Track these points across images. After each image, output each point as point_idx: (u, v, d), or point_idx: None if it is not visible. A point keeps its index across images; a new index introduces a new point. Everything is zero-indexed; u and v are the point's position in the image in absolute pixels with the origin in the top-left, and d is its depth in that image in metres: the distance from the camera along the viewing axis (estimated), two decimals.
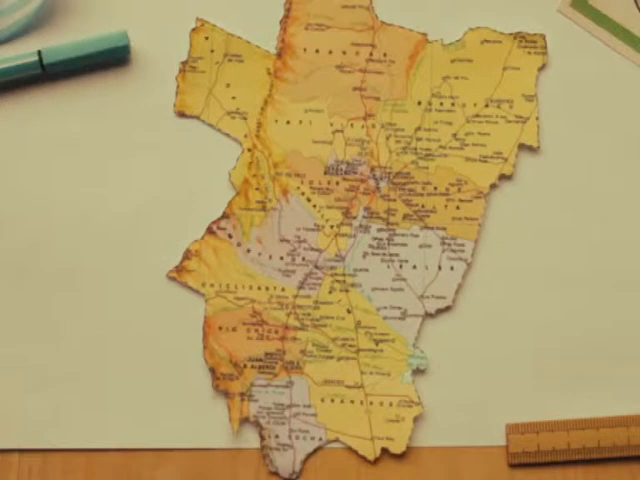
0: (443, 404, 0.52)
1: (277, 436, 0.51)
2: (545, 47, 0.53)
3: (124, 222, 0.53)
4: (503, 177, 0.53)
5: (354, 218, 0.52)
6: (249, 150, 0.53)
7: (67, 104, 0.53)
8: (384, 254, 0.52)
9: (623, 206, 0.53)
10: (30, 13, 0.53)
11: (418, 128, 0.52)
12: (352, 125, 0.53)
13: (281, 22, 0.53)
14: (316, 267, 0.52)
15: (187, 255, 0.52)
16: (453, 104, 0.53)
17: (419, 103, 0.53)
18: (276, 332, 0.52)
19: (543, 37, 0.53)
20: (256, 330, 0.52)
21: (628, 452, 0.51)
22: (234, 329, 0.52)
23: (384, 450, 0.51)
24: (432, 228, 0.52)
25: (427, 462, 0.52)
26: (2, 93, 0.53)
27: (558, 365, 0.52)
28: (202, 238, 0.52)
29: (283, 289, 0.52)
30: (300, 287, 0.52)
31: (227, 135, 0.53)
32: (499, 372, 0.52)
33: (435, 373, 0.52)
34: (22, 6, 0.53)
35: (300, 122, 0.53)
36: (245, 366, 0.52)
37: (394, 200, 0.52)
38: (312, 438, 0.51)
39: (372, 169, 0.52)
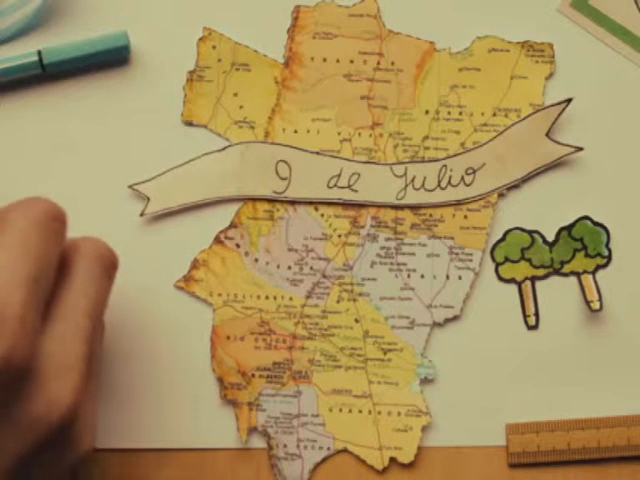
0: (445, 408, 0.52)
1: (285, 446, 0.51)
2: (553, 56, 0.53)
3: (129, 229, 0.52)
4: (511, 186, 0.53)
5: (362, 227, 0.52)
6: None
7: (67, 104, 0.53)
8: (392, 263, 0.52)
9: (631, 208, 0.53)
10: (30, 13, 0.53)
11: (426, 137, 0.52)
12: (360, 134, 0.52)
13: (288, 31, 0.53)
14: (324, 276, 0.52)
15: (195, 265, 0.52)
16: (461, 113, 0.52)
17: (427, 112, 0.53)
18: (284, 341, 0.52)
19: (551, 46, 0.53)
20: (264, 339, 0.52)
21: (628, 452, 0.52)
22: (242, 338, 0.52)
23: (392, 459, 0.52)
24: (440, 237, 0.52)
25: (427, 462, 0.52)
26: (2, 93, 0.53)
27: (558, 365, 0.52)
28: (210, 247, 0.52)
29: (291, 298, 0.52)
30: (308, 296, 0.52)
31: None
32: (502, 375, 0.52)
33: (442, 381, 0.52)
34: (22, 6, 0.52)
35: (308, 131, 0.52)
36: (253, 375, 0.52)
37: (402, 209, 0.52)
38: (320, 448, 0.52)
39: None
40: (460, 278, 0.52)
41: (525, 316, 0.52)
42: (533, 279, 0.53)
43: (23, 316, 0.39)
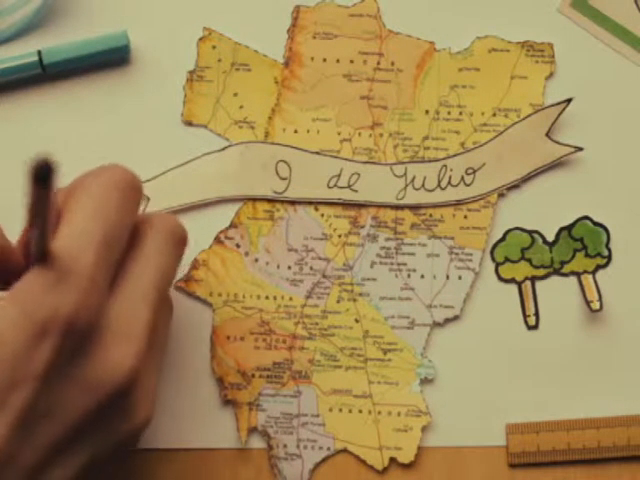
0: (445, 408, 0.52)
1: (285, 446, 0.52)
2: (553, 56, 0.53)
3: None
4: (511, 186, 0.53)
5: (362, 227, 0.52)
6: None
7: (67, 104, 0.53)
8: (392, 263, 0.52)
9: (631, 208, 0.53)
10: (30, 13, 0.53)
11: (426, 137, 0.52)
12: (360, 134, 0.52)
13: (288, 31, 0.53)
14: (324, 276, 0.52)
15: (195, 265, 0.52)
16: (461, 113, 0.53)
17: (427, 112, 0.53)
18: (284, 341, 0.52)
19: (551, 46, 0.53)
20: (264, 339, 0.52)
21: (628, 452, 0.52)
22: (242, 338, 0.52)
23: (392, 459, 0.52)
24: (440, 237, 0.52)
25: (427, 462, 0.52)
26: (2, 93, 0.53)
27: (558, 365, 0.52)
28: (210, 248, 0.52)
29: (291, 298, 0.52)
30: (308, 296, 0.52)
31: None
32: (502, 375, 0.52)
33: (442, 381, 0.52)
34: (22, 6, 0.52)
35: (308, 131, 0.52)
36: (253, 375, 0.52)
37: (402, 209, 0.52)
38: (320, 448, 0.52)
39: None
40: (460, 278, 0.52)
41: (525, 316, 0.52)
42: (533, 279, 0.53)
43: (92, 275, 0.39)
